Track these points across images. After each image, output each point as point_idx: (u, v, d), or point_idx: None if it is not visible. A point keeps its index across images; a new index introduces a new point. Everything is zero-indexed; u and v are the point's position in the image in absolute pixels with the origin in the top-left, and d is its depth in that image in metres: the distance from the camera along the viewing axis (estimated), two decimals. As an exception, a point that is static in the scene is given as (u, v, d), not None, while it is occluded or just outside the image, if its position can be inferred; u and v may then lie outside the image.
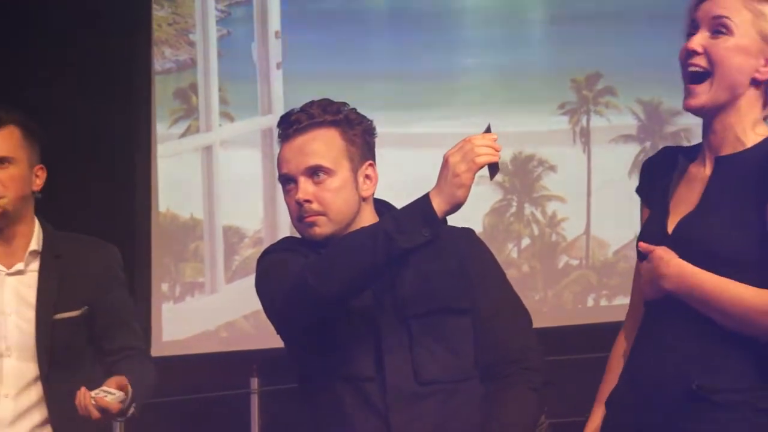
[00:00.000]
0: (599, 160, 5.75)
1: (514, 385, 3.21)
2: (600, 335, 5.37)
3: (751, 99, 2.78)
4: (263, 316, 6.21)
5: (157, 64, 6.64)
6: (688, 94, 2.78)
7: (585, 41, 5.82)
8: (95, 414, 3.66)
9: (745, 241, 2.69)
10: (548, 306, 5.66)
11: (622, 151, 5.62)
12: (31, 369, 3.99)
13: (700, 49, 2.75)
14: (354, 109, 3.26)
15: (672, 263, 2.71)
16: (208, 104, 6.53)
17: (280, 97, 6.39)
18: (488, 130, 3.02)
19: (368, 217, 3.23)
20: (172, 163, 6.45)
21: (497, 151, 2.97)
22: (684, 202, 2.79)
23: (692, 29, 2.79)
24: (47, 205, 6.28)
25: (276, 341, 6.05)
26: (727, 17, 2.74)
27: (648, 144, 5.54)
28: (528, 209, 5.87)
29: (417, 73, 4.07)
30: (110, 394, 3.69)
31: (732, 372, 2.71)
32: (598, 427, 2.97)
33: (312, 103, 3.24)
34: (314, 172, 3.17)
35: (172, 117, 6.55)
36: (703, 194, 2.78)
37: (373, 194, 3.27)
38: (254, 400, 6.12)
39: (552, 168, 5.87)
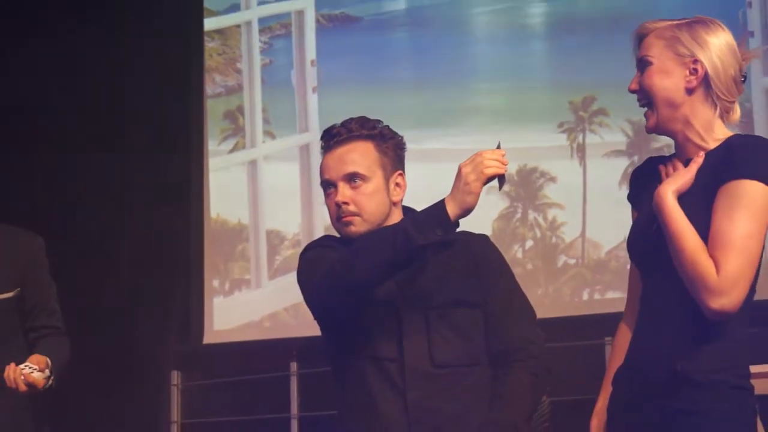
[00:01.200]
0: (593, 172, 5.75)
1: (517, 370, 3.25)
2: (594, 324, 5.42)
3: (694, 105, 2.86)
4: (301, 308, 6.27)
5: (209, 89, 6.66)
6: (646, 119, 2.92)
7: (581, 69, 5.82)
8: (23, 387, 3.74)
9: (702, 229, 2.73)
10: (549, 299, 5.66)
11: (614, 164, 5.62)
12: None
13: (636, 87, 2.91)
14: (387, 126, 3.36)
15: (665, 184, 2.80)
16: (252, 124, 6.55)
17: (315, 117, 6.40)
18: (498, 147, 3.08)
19: (397, 220, 3.27)
20: (222, 176, 6.48)
21: (504, 165, 3.06)
22: None
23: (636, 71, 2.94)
24: (114, 210, 6.33)
25: (312, 330, 6.08)
26: (645, 55, 2.89)
27: (636, 158, 5.54)
28: (531, 215, 5.87)
29: (434, 97, 4.08)
30: (36, 370, 3.76)
31: (710, 356, 2.77)
32: (604, 404, 3.01)
33: (351, 119, 3.34)
34: (351, 178, 3.26)
35: (221, 135, 6.57)
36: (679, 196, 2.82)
37: (401, 200, 3.35)
38: (293, 382, 6.12)
39: (552, 179, 5.86)
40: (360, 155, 3.28)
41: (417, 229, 3.00)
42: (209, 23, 6.73)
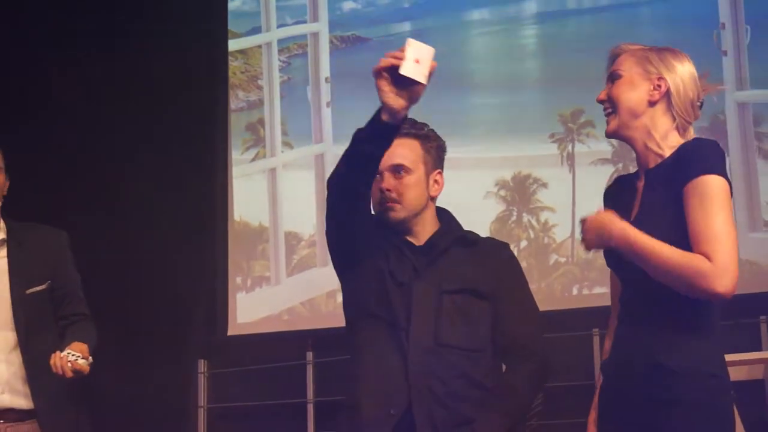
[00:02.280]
0: (582, 179, 5.74)
1: (520, 363, 3.26)
2: (582, 317, 5.41)
3: (655, 116, 2.90)
4: (316, 302, 6.30)
5: (233, 104, 6.66)
6: (606, 124, 2.97)
7: (570, 84, 5.81)
8: (70, 374, 3.74)
9: (666, 230, 2.75)
10: (542, 294, 5.63)
11: (600, 171, 5.61)
12: (11, 338, 4.04)
13: (604, 97, 2.96)
14: (432, 129, 3.41)
15: (617, 224, 2.78)
16: (272, 135, 6.54)
17: (329, 129, 6.40)
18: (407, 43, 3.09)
19: (432, 213, 3.38)
20: (245, 182, 6.48)
21: (399, 58, 3.07)
22: (632, 211, 2.87)
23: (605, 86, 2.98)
24: (148, 213, 6.32)
25: (326, 322, 6.14)
26: (617, 69, 2.95)
27: (620, 165, 5.53)
28: (525, 218, 5.86)
29: (436, 110, 4.07)
30: (80, 357, 3.79)
31: (687, 348, 2.78)
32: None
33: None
34: (397, 169, 3.32)
35: (244, 146, 6.57)
36: (640, 202, 2.89)
37: (437, 195, 3.39)
38: (309, 370, 6.11)
39: (544, 185, 5.85)
40: (406, 150, 3.34)
41: (370, 123, 3.10)
42: (233, 44, 6.73)
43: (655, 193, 2.83)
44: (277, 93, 6.58)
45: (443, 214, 3.43)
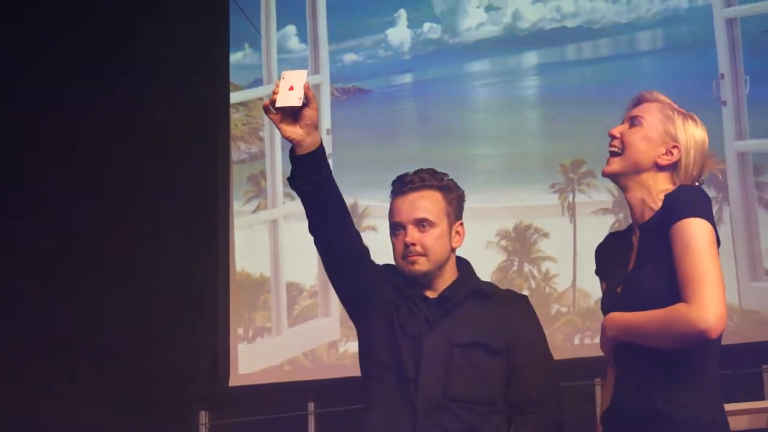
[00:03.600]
0: (583, 229, 5.73)
1: (533, 421, 3.20)
2: (584, 367, 5.38)
3: (657, 178, 2.90)
4: (317, 353, 6.26)
5: (234, 156, 6.66)
6: (606, 164, 2.96)
7: (570, 135, 5.83)
8: None
9: (667, 276, 2.74)
10: (543, 344, 5.62)
11: (601, 221, 5.60)
12: None
13: (617, 134, 2.94)
14: (452, 179, 3.39)
15: (606, 319, 2.85)
16: (273, 186, 6.54)
17: (331, 180, 6.39)
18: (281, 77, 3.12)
19: (452, 264, 3.35)
20: (246, 233, 6.46)
21: (275, 92, 3.09)
22: (629, 264, 2.88)
23: (622, 122, 2.96)
24: (147, 264, 6.32)
25: (327, 373, 6.10)
26: (641, 116, 2.92)
27: (621, 215, 5.53)
28: (527, 267, 5.85)
29: (437, 160, 4.05)
30: None
31: (686, 395, 2.74)
32: None
33: (422, 170, 3.37)
34: (421, 223, 3.29)
35: (246, 197, 6.56)
36: (636, 256, 2.89)
37: (459, 246, 3.37)
38: (311, 420, 6.08)
39: (545, 235, 5.84)
40: (430, 203, 3.31)
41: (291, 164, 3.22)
42: (235, 96, 6.74)
43: (650, 244, 2.82)
44: (279, 144, 6.58)
45: (462, 265, 3.39)
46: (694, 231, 2.72)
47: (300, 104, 3.09)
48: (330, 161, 6.30)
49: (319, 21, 6.60)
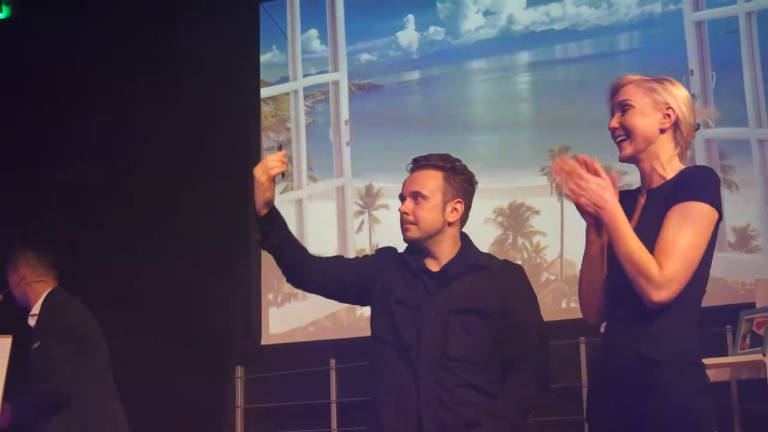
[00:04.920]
0: (569, 206, 5.69)
1: (522, 375, 3.22)
2: (571, 327, 5.38)
3: (662, 143, 2.85)
4: (338, 315, 6.28)
5: (264, 144, 6.67)
6: (620, 151, 2.89)
7: (558, 124, 5.82)
8: None
9: (651, 246, 2.70)
10: (535, 307, 5.62)
11: (585, 200, 5.57)
12: None
13: (617, 125, 2.88)
14: (465, 165, 3.37)
15: (615, 198, 2.75)
16: (299, 171, 6.55)
17: (348, 165, 6.40)
18: (280, 148, 3.16)
19: (451, 238, 3.33)
20: (275, 211, 6.46)
21: (284, 163, 3.23)
22: (631, 222, 2.79)
23: (612, 113, 2.90)
24: (200, 241, 6.33)
25: (347, 333, 6.10)
26: (627, 99, 2.87)
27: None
28: (520, 240, 5.84)
29: (441, 146, 4.02)
30: None
31: (669, 342, 2.71)
32: None
33: (434, 154, 3.37)
34: (415, 195, 3.29)
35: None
36: (639, 216, 2.83)
37: (457, 221, 3.33)
38: (332, 375, 6.09)
39: (536, 212, 5.84)
40: (426, 179, 3.30)
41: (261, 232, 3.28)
42: (264, 92, 6.74)
43: (653, 213, 2.77)
44: (303, 134, 6.59)
45: (465, 241, 3.37)
46: (695, 213, 2.69)
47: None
48: (348, 149, 6.38)
49: (338, 25, 6.59)
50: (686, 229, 2.67)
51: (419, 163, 3.34)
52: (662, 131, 2.83)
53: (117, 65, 6.80)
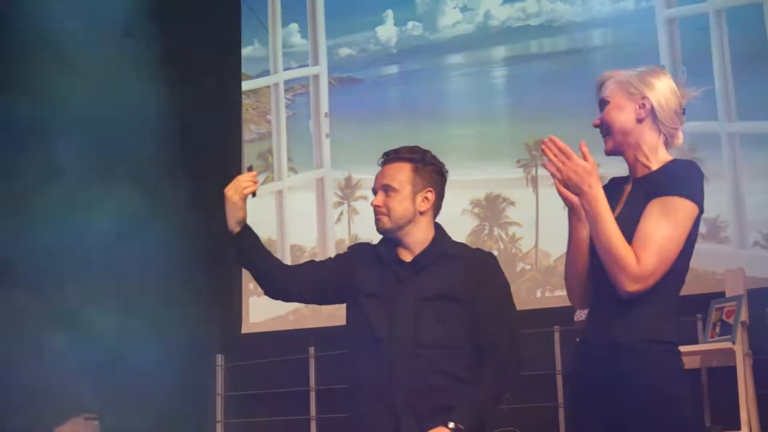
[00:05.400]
0: (544, 198, 5.75)
1: (494, 360, 3.22)
2: (545, 316, 5.41)
3: (643, 131, 2.85)
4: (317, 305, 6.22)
5: (246, 136, 6.67)
6: (604, 145, 2.90)
7: (534, 117, 5.84)
8: None
9: (632, 235, 2.70)
10: (510, 297, 5.65)
11: (560, 192, 5.60)
12: None
13: (598, 122, 2.90)
14: (434, 156, 3.39)
15: (599, 185, 2.73)
16: (279, 162, 6.55)
17: (328, 157, 6.41)
18: (250, 169, 3.20)
19: (424, 227, 3.34)
20: (256, 202, 6.34)
21: (256, 183, 3.30)
22: (616, 210, 2.79)
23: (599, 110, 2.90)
24: (182, 229, 6.32)
25: (325, 322, 6.11)
26: (605, 96, 2.89)
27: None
28: (496, 231, 5.87)
29: (418, 139, 4.04)
30: None
31: (644, 330, 2.71)
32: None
33: (405, 146, 3.39)
34: (385, 188, 3.32)
35: (256, 171, 6.53)
36: (623, 205, 2.82)
37: (428, 210, 3.34)
38: (311, 362, 6.10)
39: (512, 203, 5.87)
40: (395, 171, 3.33)
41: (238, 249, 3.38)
42: (246, 85, 6.75)
43: (636, 202, 2.77)
44: (284, 126, 6.60)
45: (438, 231, 3.38)
46: (676, 208, 2.68)
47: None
48: (328, 141, 6.38)
49: (318, 20, 6.59)
50: (664, 222, 2.67)
51: (389, 157, 3.36)
52: (639, 121, 2.83)
53: (98, 59, 6.75)
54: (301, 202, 6.47)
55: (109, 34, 6.69)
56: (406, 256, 3.33)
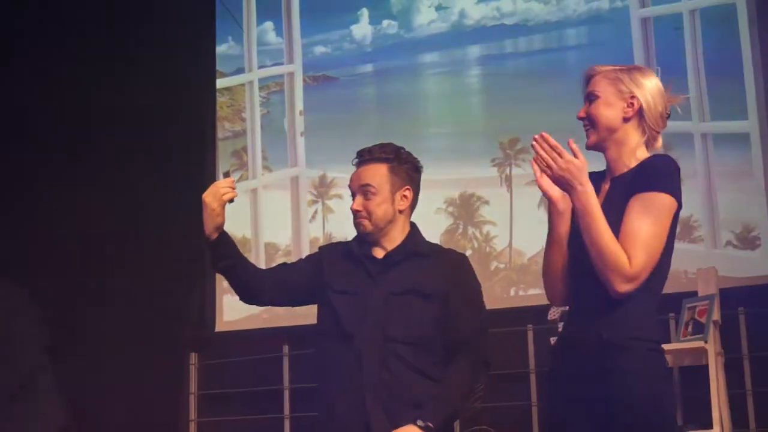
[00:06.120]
0: (518, 197, 5.74)
1: (460, 358, 3.22)
2: (519, 315, 5.41)
3: (628, 131, 2.83)
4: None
5: (220, 134, 6.63)
6: (587, 138, 2.88)
7: (508, 117, 5.84)
8: None
9: (615, 233, 2.69)
10: (484, 295, 5.61)
11: (534, 191, 5.50)
12: None
13: (583, 114, 2.87)
14: (408, 153, 3.38)
15: (589, 182, 2.71)
16: (254, 160, 6.52)
17: (303, 155, 6.38)
18: (227, 175, 3.24)
19: (401, 225, 3.35)
20: (230, 200, 6.42)
21: (234, 189, 3.23)
22: None
23: (585, 103, 2.88)
24: (155, 226, 6.27)
25: (300, 320, 6.09)
26: (593, 90, 2.86)
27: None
28: (470, 230, 5.86)
29: (393, 138, 4.00)
30: None
31: (629, 327, 2.70)
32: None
33: (376, 145, 3.37)
34: (364, 192, 3.30)
35: (230, 169, 6.51)
36: (603, 202, 2.79)
37: (407, 208, 3.35)
38: (285, 361, 6.08)
39: (486, 202, 5.86)
40: (372, 173, 3.31)
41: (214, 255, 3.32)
42: (220, 83, 6.70)
43: (614, 201, 2.76)
44: (258, 124, 6.56)
45: (412, 229, 3.38)
46: (657, 203, 2.68)
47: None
48: (302, 139, 6.36)
49: (293, 18, 6.56)
50: (648, 219, 2.67)
51: (364, 158, 3.35)
52: (626, 119, 2.82)
53: (70, 55, 6.71)
54: (275, 201, 6.44)
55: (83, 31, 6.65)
56: (379, 253, 3.33)
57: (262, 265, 6.29)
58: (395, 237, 3.33)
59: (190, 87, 6.63)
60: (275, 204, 6.43)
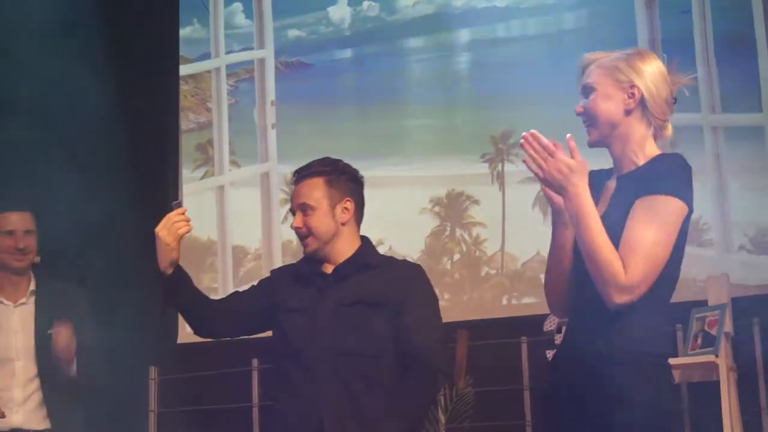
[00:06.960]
0: (511, 196, 5.74)
1: (414, 372, 3.31)
2: (511, 325, 5.39)
3: (631, 124, 2.80)
4: (262, 312, 6.15)
5: (183, 125, 6.63)
6: (588, 136, 2.85)
7: (500, 107, 5.83)
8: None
9: (618, 235, 2.68)
10: (474, 304, 5.63)
11: (528, 189, 5.59)
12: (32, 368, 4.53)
13: (581, 110, 2.85)
14: (346, 164, 3.50)
15: (584, 182, 2.68)
16: (220, 155, 6.51)
17: (274, 149, 6.38)
18: (179, 205, 3.27)
19: (348, 237, 3.47)
20: (194, 199, 6.40)
21: (188, 221, 3.33)
22: (597, 206, 2.74)
23: (582, 96, 2.87)
24: (112, 226, 6.23)
25: (271, 332, 6.03)
26: (589, 82, 2.84)
27: (547, 183, 5.53)
28: (458, 232, 5.85)
29: (375, 131, 4.02)
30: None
31: (630, 339, 2.68)
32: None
33: (315, 160, 3.50)
34: (303, 208, 3.42)
35: (194, 164, 6.52)
36: (608, 203, 2.79)
37: (349, 220, 3.47)
38: (254, 376, 6.06)
39: (476, 202, 5.86)
40: (309, 189, 3.43)
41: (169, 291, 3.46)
42: (184, 69, 6.69)
43: (622, 202, 2.73)
44: (226, 115, 6.56)
45: (364, 243, 3.50)
46: (663, 208, 2.65)
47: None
48: (274, 132, 6.34)
49: (264, -1, 6.56)
50: (651, 225, 2.64)
51: (301, 174, 3.47)
52: (628, 112, 2.79)
53: (24, 40, 6.66)
54: (244, 200, 6.43)
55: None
56: (329, 269, 3.45)
57: (230, 271, 6.29)
58: (343, 251, 3.44)
59: (151, 74, 6.60)
60: (244, 203, 6.42)
